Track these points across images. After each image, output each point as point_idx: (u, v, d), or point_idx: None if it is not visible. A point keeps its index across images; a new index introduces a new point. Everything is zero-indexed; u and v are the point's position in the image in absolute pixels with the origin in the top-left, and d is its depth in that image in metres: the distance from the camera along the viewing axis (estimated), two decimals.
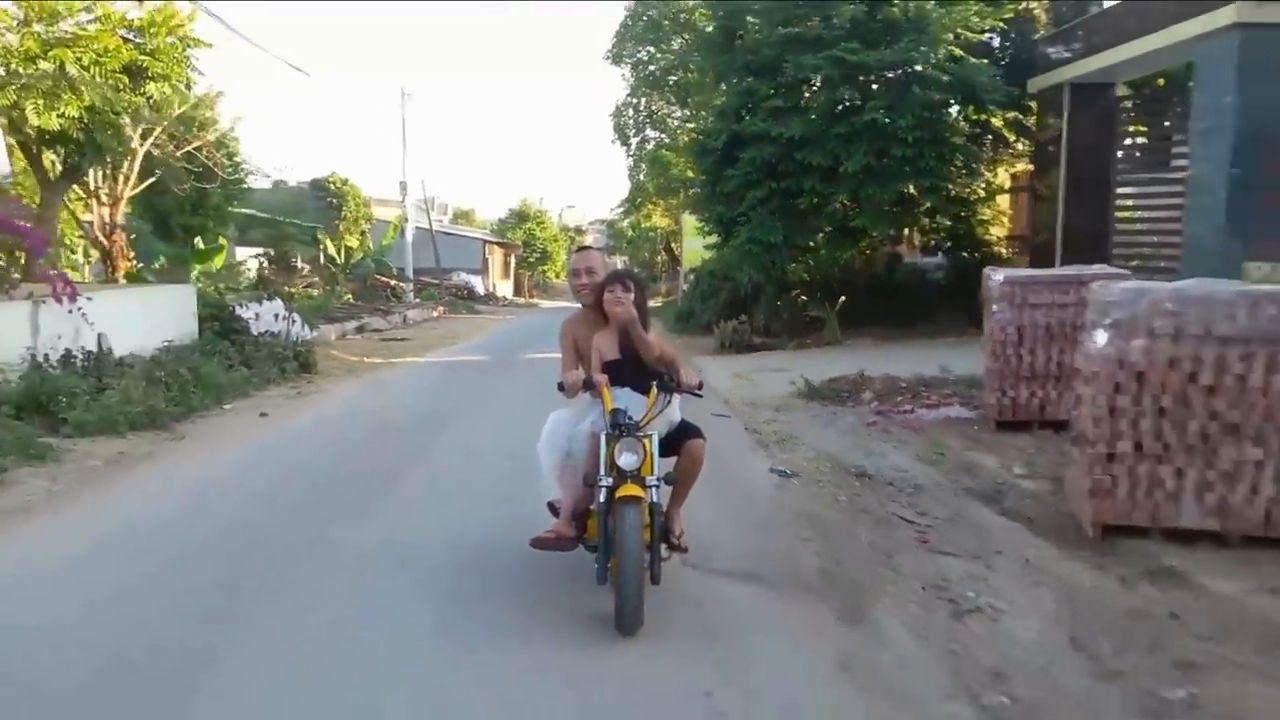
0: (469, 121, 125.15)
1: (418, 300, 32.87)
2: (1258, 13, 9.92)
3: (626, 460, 3.87)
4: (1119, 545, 5.11)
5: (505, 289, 50.45)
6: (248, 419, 9.35)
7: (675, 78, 34.37)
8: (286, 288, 21.95)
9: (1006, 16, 14.96)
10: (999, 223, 16.74)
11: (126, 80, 14.50)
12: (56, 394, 8.37)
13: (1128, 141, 14.01)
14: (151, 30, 14.92)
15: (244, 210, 23.52)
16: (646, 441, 3.98)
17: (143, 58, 14.71)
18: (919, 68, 13.82)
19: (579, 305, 4.68)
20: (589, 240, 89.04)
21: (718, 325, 16.34)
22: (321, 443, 8.39)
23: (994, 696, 3.44)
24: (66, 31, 14.07)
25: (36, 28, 13.84)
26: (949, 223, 15.58)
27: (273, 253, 26.97)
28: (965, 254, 15.92)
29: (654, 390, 4.15)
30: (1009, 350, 8.15)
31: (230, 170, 19.24)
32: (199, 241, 19.41)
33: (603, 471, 3.95)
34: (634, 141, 38.56)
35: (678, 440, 4.28)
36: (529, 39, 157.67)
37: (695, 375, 4.34)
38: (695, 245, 25.80)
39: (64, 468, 6.99)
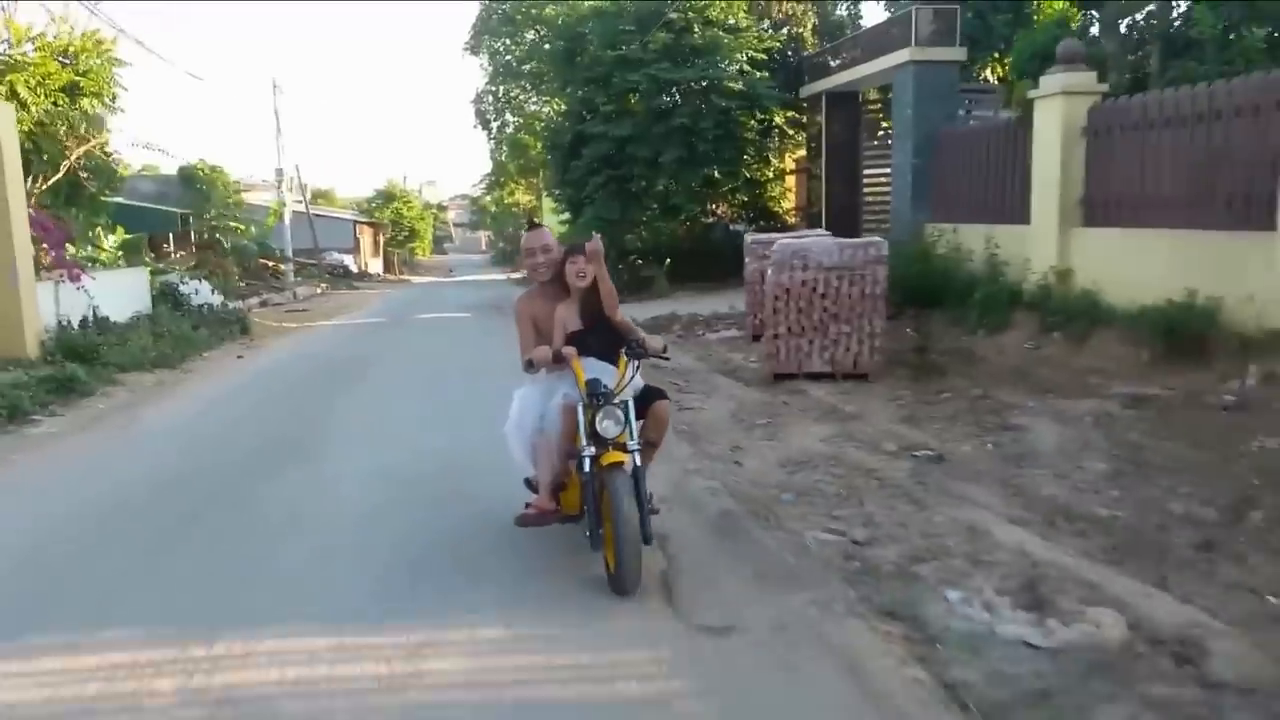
0: (331, 104, 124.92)
1: (299, 279, 35.56)
2: (923, 54, 14.61)
3: (610, 428, 3.99)
4: (780, 384, 9.45)
5: (376, 266, 52.95)
6: (228, 362, 12.90)
7: (529, 67, 37.46)
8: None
9: (781, 39, 19.48)
10: (786, 198, 21.35)
11: (66, 99, 17.35)
12: (92, 346, 11.71)
13: (869, 137, 18.71)
14: (84, 54, 17.75)
15: (115, 199, 25.67)
16: (623, 408, 4.08)
17: (78, 78, 17.54)
18: (715, 81, 18.15)
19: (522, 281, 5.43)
20: (452, 215, 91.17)
21: None
22: (290, 370, 12.08)
23: (690, 433, 7.65)
24: (13, 57, 16.81)
25: None
26: (745, 199, 20.10)
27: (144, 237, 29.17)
28: (763, 223, 20.43)
29: (623, 358, 4.23)
30: (755, 288, 12.48)
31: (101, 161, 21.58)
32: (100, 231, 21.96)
33: (584, 441, 4.05)
34: (494, 125, 41.98)
35: (643, 403, 4.35)
36: (390, 28, 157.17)
37: (659, 340, 4.49)
38: (552, 221, 29.67)
39: (128, 388, 10.47)
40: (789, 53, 20.06)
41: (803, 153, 20.76)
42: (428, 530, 5.04)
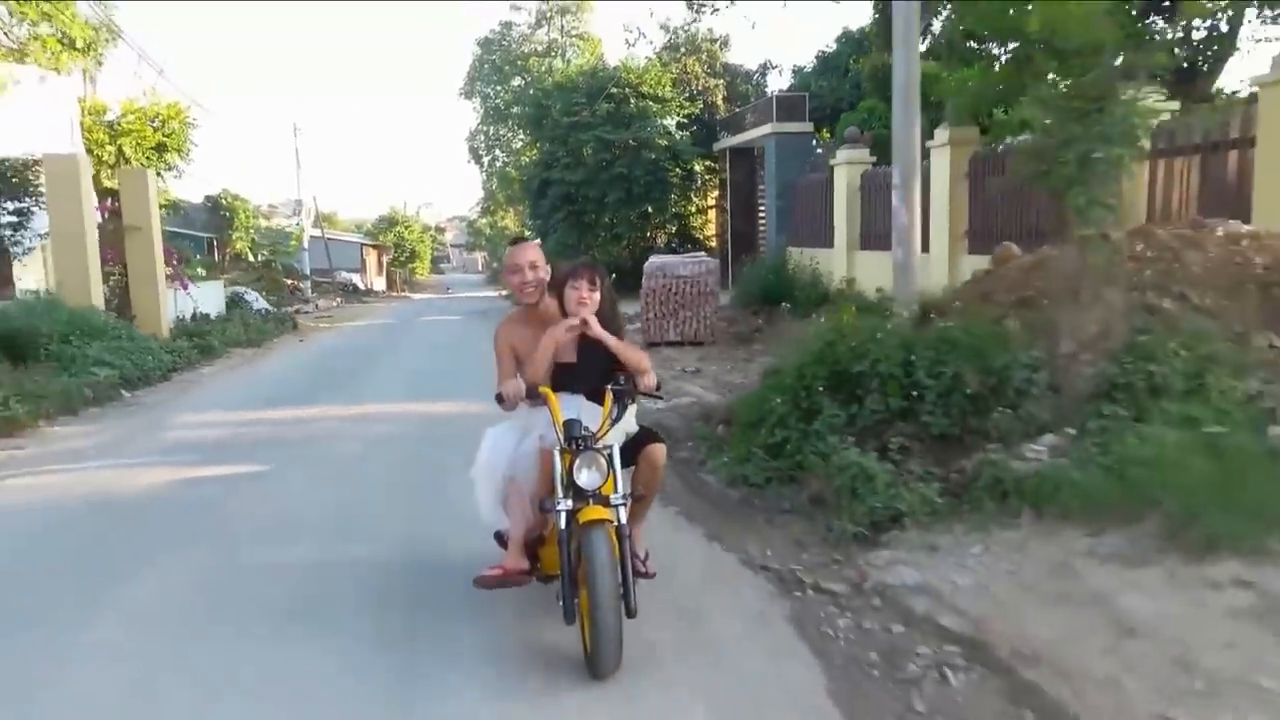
0: (334, 130, 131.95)
1: (317, 294, 41.41)
2: (780, 128, 20.58)
3: (587, 478, 3.42)
4: (651, 347, 15.24)
5: (380, 284, 58.84)
6: (293, 344, 18.78)
7: (515, 110, 43.39)
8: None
9: (697, 107, 25.49)
10: (707, 227, 27.24)
11: (155, 154, 23.25)
12: (202, 331, 17.52)
13: (761, 182, 24.63)
14: (168, 120, 23.67)
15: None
16: (606, 455, 3.51)
17: (165, 139, 23.45)
18: (646, 139, 24.07)
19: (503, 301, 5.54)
20: (449, 236, 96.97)
21: None
22: (340, 347, 17.96)
23: None
24: (123, 125, 22.70)
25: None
26: (674, 228, 25.99)
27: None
28: (689, 246, 26.27)
29: (609, 397, 3.68)
30: (648, 297, 18.30)
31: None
32: None
33: (560, 493, 3.48)
34: (485, 160, 48.18)
35: (633, 447, 3.83)
36: (391, 64, 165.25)
37: (653, 376, 3.86)
38: None
39: (238, 356, 16.29)
40: (705, 116, 26.03)
41: (717, 193, 26.68)
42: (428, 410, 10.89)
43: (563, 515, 3.43)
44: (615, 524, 3.40)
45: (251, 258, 39.19)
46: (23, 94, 16.98)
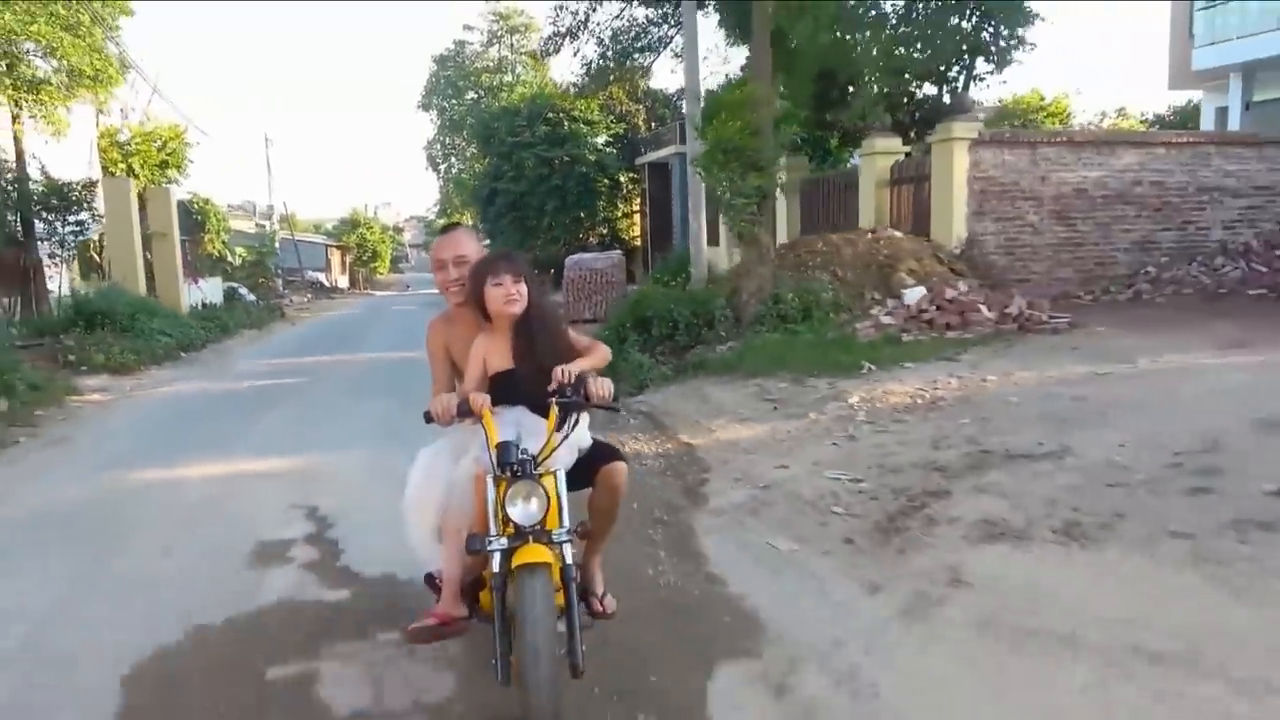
0: (295, 136, 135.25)
1: (287, 291, 45.48)
2: (684, 148, 25.34)
3: (522, 512, 2.82)
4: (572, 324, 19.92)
5: (343, 282, 62.82)
6: (287, 326, 23.18)
7: (470, 120, 47.68)
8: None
9: (621, 128, 30.22)
10: (632, 230, 31.96)
11: (159, 170, 27.47)
12: (213, 315, 21.85)
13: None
14: (170, 140, 27.87)
15: None
16: (549, 481, 2.89)
17: (166, 156, 27.68)
18: (577, 156, 28.70)
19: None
20: (407, 236, 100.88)
21: None
22: (327, 327, 22.43)
23: None
24: (134, 146, 26.86)
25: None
26: (605, 231, 30.67)
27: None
28: (617, 245, 30.93)
29: (553, 411, 2.99)
30: (569, 285, 22.90)
31: None
32: None
33: (493, 529, 2.88)
34: (442, 168, 52.56)
35: (588, 466, 3.17)
36: (350, 76, 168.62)
37: (607, 384, 3.11)
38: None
39: (249, 333, 20.68)
40: (628, 135, 30.75)
41: (640, 200, 31.43)
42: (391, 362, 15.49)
43: (497, 556, 2.81)
44: (560, 564, 2.81)
45: (230, 258, 43.23)
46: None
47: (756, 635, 3.57)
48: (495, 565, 2.81)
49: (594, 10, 19.65)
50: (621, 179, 30.30)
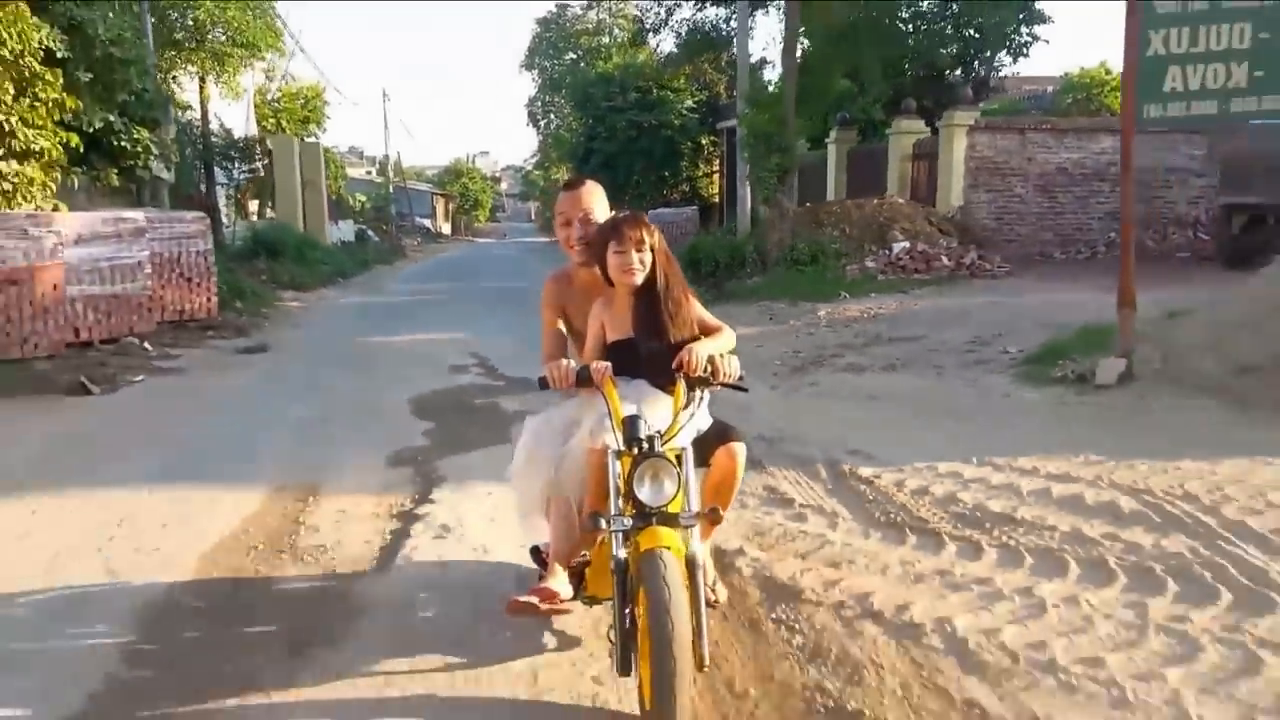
0: (402, 84, 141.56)
1: (400, 235, 50.16)
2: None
3: (652, 493, 2.59)
4: None
5: (446, 229, 67.61)
6: (411, 262, 27.40)
7: (569, 80, 51.08)
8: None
9: (703, 96, 33.44)
10: (711, 189, 35.24)
11: (302, 126, 31.84)
12: (351, 250, 26.11)
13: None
14: (310, 99, 32.18)
15: None
16: (677, 461, 2.64)
17: (308, 113, 32.02)
18: (664, 121, 32.10)
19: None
20: (504, 186, 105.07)
21: None
22: (445, 262, 26.58)
23: None
24: (283, 104, 31.23)
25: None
26: (686, 189, 34.06)
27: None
28: (697, 204, 34.32)
29: (680, 387, 2.79)
30: None
31: None
32: None
33: (614, 508, 2.65)
34: (542, 124, 56.31)
35: (703, 445, 2.91)
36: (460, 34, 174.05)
37: (735, 363, 2.88)
38: None
39: (383, 265, 24.90)
40: (711, 101, 33.98)
41: (719, 162, 34.68)
42: (505, 283, 19.37)
43: (619, 537, 2.58)
44: (685, 551, 2.54)
45: (351, 202, 48.00)
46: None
47: None
48: (616, 547, 2.59)
49: (676, 9, 23.01)
50: (703, 141, 33.60)
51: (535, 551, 3.34)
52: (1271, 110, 5.82)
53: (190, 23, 21.57)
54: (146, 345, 9.86)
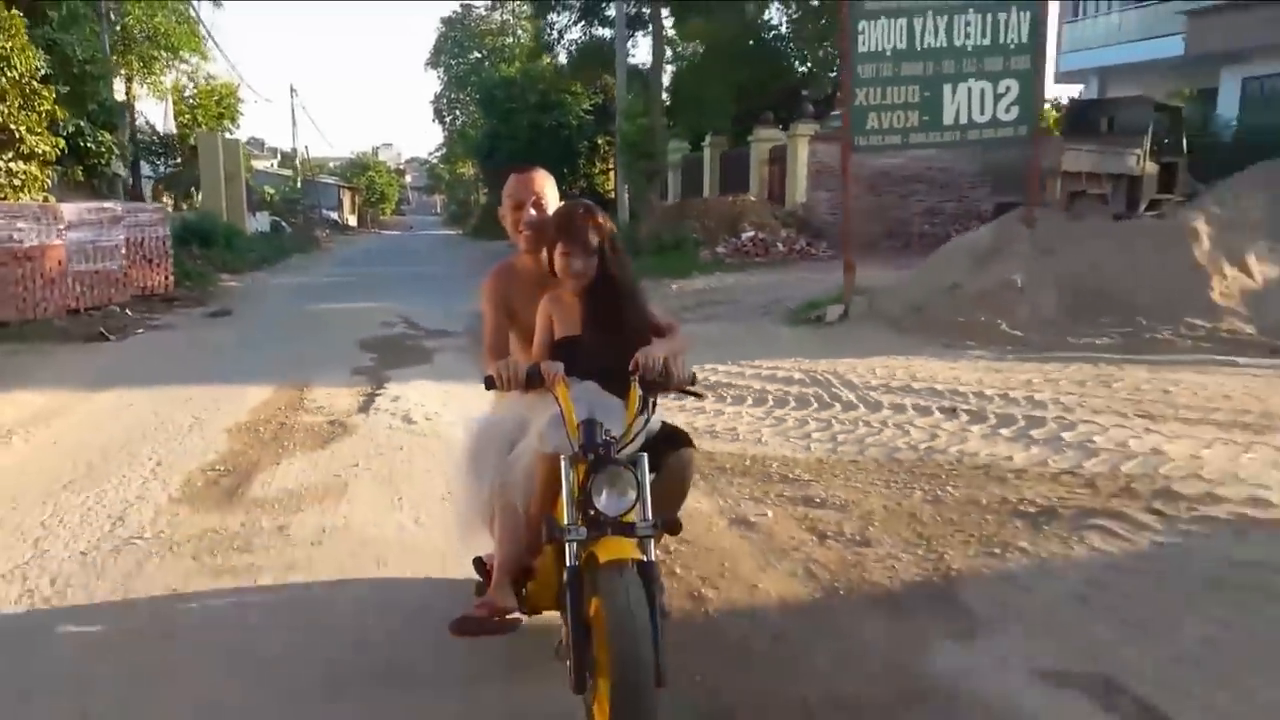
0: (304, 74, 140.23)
1: (310, 226, 51.58)
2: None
3: (610, 502, 2.47)
4: None
5: (353, 222, 68.84)
6: (327, 252, 29.51)
7: (474, 79, 53.21)
8: None
9: (599, 98, 36.30)
10: (607, 185, 38.07)
11: (216, 122, 33.53)
12: (269, 239, 28.13)
13: None
14: (224, 97, 33.83)
15: None
16: (632, 468, 2.51)
17: (222, 110, 33.68)
18: (562, 121, 34.79)
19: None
20: (408, 179, 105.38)
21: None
22: (361, 251, 28.79)
23: None
24: (199, 101, 32.83)
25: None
26: (584, 184, 36.82)
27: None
28: (595, 195, 37.10)
29: (634, 390, 2.64)
30: None
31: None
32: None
33: (569, 516, 2.52)
34: (448, 120, 58.31)
35: (653, 451, 2.72)
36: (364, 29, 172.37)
37: (688, 367, 2.76)
38: None
39: (302, 255, 27.00)
40: (605, 105, 36.85)
41: (613, 160, 37.59)
42: (423, 269, 21.86)
43: (572, 547, 2.45)
44: (643, 562, 2.42)
45: (264, 196, 49.30)
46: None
47: None
48: (570, 557, 2.43)
49: (568, 30, 25.98)
50: (599, 141, 36.47)
51: (479, 562, 3.14)
52: (936, 142, 8.96)
53: (119, 29, 23.44)
54: (128, 311, 12.20)
